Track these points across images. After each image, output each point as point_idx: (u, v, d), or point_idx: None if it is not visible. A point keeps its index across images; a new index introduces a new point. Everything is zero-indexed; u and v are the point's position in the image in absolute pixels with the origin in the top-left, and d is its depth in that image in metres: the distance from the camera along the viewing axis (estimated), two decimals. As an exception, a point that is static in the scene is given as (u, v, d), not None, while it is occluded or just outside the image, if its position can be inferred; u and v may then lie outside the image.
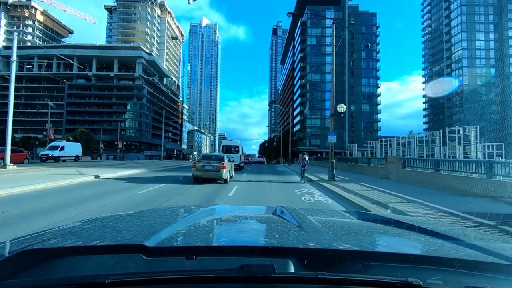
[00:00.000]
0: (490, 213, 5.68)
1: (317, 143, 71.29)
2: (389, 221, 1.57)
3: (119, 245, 0.94)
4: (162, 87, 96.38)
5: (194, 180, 12.23)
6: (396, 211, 6.15)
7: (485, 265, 0.81)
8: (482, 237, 1.36)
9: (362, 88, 73.15)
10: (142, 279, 0.72)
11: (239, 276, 0.72)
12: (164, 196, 8.50)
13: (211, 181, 12.11)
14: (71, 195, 8.30)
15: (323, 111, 72.77)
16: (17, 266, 0.76)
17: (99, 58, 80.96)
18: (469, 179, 9.06)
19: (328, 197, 9.23)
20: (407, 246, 1.11)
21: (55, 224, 4.14)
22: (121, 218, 1.46)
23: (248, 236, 1.16)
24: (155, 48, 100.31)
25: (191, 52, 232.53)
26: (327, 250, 0.89)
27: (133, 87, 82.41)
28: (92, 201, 7.38)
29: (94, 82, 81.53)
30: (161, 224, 1.33)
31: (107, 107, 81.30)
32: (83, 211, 6.14)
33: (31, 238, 1.04)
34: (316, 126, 71.62)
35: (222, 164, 12.01)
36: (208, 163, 12.07)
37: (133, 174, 16.31)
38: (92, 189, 9.62)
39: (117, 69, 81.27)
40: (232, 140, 28.41)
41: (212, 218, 1.45)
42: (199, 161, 12.48)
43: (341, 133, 71.33)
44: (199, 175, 12.00)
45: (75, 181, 11.45)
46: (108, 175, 14.17)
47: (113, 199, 7.71)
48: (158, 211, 1.76)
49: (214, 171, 11.89)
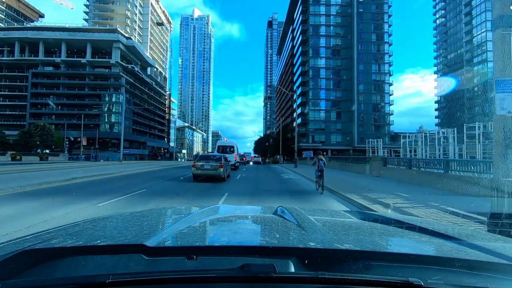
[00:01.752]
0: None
1: (321, 139, 61.69)
2: (389, 221, 1.58)
3: (120, 245, 0.94)
4: (145, 78, 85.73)
5: (194, 178, 13.41)
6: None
7: (486, 265, 0.81)
8: (483, 236, 1.38)
9: (372, 76, 63.67)
10: (143, 279, 0.72)
11: (239, 276, 0.72)
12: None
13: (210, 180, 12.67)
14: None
15: (328, 102, 63.10)
16: (18, 266, 0.76)
17: (69, 43, 70.14)
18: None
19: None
20: (408, 246, 1.11)
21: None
22: (122, 218, 1.48)
23: (248, 236, 1.18)
24: (137, 33, 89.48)
25: (182, 45, 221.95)
26: (328, 250, 0.89)
27: (109, 75, 71.78)
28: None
29: (63, 70, 70.70)
30: (161, 224, 1.38)
31: (78, 98, 70.54)
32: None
33: (32, 238, 1.04)
34: (320, 119, 61.97)
35: (220, 163, 13.10)
36: (207, 163, 13.17)
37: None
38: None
39: (91, 55, 70.54)
40: (227, 140, 30.12)
41: (213, 218, 1.45)
42: (198, 161, 13.48)
43: (349, 128, 61.82)
44: (199, 173, 13.16)
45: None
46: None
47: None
48: (158, 211, 1.77)
49: (212, 170, 12.97)
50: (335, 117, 62.65)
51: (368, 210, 6.54)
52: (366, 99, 63.12)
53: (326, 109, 62.79)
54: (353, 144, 60.63)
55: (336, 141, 61.90)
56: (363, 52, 63.39)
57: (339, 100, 62.74)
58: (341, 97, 62.76)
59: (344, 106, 62.38)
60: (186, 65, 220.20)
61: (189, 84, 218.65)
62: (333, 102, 62.91)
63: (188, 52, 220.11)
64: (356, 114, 61.56)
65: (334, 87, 62.96)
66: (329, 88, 63.07)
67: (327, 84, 62.96)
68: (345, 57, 62.77)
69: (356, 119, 61.59)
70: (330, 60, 62.78)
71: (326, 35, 62.98)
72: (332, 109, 62.77)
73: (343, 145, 60.90)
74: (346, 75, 62.64)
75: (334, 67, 62.96)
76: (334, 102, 62.85)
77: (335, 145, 60.63)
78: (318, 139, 61.86)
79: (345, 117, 62.23)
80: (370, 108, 63.38)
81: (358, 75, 62.36)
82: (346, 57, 62.83)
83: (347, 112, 62.13)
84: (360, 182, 13.78)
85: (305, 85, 64.13)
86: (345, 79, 62.55)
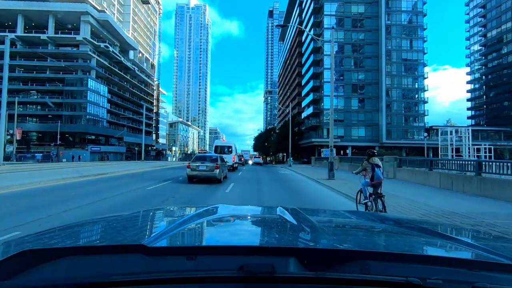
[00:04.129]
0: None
1: (340, 133, 48.63)
2: (389, 221, 1.58)
3: (119, 245, 0.94)
4: (126, 62, 72.59)
5: (189, 180, 12.77)
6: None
7: (485, 264, 0.81)
8: (483, 236, 1.37)
9: (403, 54, 50.51)
10: (143, 279, 0.72)
11: (239, 275, 0.72)
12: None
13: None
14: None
15: (348, 86, 49.87)
16: (17, 267, 0.75)
17: (27, 15, 57.07)
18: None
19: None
20: (407, 245, 1.11)
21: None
22: (121, 218, 1.47)
23: (248, 235, 1.18)
24: (116, 10, 76.10)
25: (177, 36, 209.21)
26: (327, 250, 0.89)
27: (76, 55, 58.70)
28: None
29: (20, 48, 57.53)
30: (161, 224, 1.38)
31: (37, 83, 57.38)
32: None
33: (31, 238, 1.04)
34: (338, 108, 48.76)
35: (216, 164, 12.51)
36: (202, 163, 12.59)
37: None
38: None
39: (53, 30, 57.43)
40: (225, 140, 30.56)
41: (213, 218, 1.44)
42: (193, 162, 12.91)
43: (374, 118, 48.74)
44: (194, 175, 12.53)
45: None
46: None
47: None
48: (158, 211, 1.76)
49: (208, 171, 12.38)
50: (357, 105, 49.56)
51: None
52: (395, 83, 50.00)
53: (345, 95, 49.57)
54: (380, 140, 47.65)
55: (358, 136, 48.91)
56: (392, 23, 50.15)
57: (362, 83, 49.65)
58: (365, 79, 49.67)
59: (368, 91, 49.32)
60: (181, 57, 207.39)
61: (185, 78, 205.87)
62: (354, 86, 49.82)
63: (184, 44, 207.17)
64: (384, 101, 48.40)
65: (356, 67, 49.78)
66: (349, 68, 49.85)
67: (347, 63, 49.74)
68: (370, 28, 49.55)
69: (385, 107, 48.43)
70: (350, 32, 49.50)
71: (346, 0, 49.67)
72: (353, 95, 49.68)
73: (367, 140, 47.96)
74: (371, 52, 49.45)
75: (356, 41, 49.78)
76: (356, 86, 49.77)
77: (356, 141, 47.67)
78: (335, 132, 48.67)
79: (370, 104, 49.18)
80: (400, 94, 50.24)
81: (386, 53, 49.11)
82: (371, 28, 49.62)
83: (373, 99, 49.10)
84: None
85: (318, 64, 50.94)
86: (370, 56, 49.35)
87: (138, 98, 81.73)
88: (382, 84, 48.20)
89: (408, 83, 50.44)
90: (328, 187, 12.02)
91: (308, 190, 11.38)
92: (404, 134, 49.29)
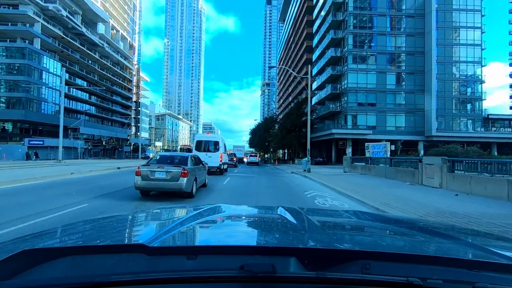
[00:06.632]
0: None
1: (370, 122, 35.14)
2: (389, 221, 1.58)
3: (120, 244, 0.94)
4: (91, 35, 58.16)
5: (141, 194, 8.11)
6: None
7: (485, 264, 0.81)
8: (482, 236, 1.38)
9: (453, 16, 36.88)
10: (143, 278, 0.72)
11: (239, 275, 0.72)
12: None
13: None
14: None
15: (381, 56, 36.16)
16: (17, 266, 0.75)
17: None
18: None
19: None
20: (407, 245, 1.11)
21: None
22: (121, 218, 1.48)
23: (248, 235, 1.19)
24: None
25: (168, 23, 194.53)
26: (328, 249, 0.89)
27: (15, 18, 44.26)
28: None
29: None
30: (161, 224, 1.37)
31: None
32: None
33: (32, 238, 1.04)
34: (366, 87, 35.05)
35: (183, 169, 7.65)
36: (161, 169, 7.67)
37: None
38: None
39: (-17, -15, 42.88)
40: (210, 134, 22.01)
41: (213, 218, 1.44)
42: (146, 166, 7.85)
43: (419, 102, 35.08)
44: (148, 187, 7.66)
45: None
46: None
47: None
48: (158, 211, 1.75)
49: (169, 181, 7.60)
50: (394, 83, 35.88)
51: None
52: (444, 55, 36.40)
53: (378, 69, 35.79)
54: (427, 132, 34.18)
55: (396, 127, 35.33)
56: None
57: (401, 52, 35.96)
58: (405, 48, 36.02)
59: (410, 64, 35.74)
60: (173, 46, 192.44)
61: (176, 68, 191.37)
62: (390, 57, 36.12)
63: (175, 32, 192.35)
64: (433, 79, 34.72)
65: (393, 30, 36.06)
66: (383, 31, 36.04)
67: (380, 23, 35.93)
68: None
69: (434, 87, 34.72)
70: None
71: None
72: (388, 68, 35.99)
73: (408, 133, 34.56)
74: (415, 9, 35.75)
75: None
76: (393, 56, 36.07)
77: (393, 134, 34.11)
78: (363, 121, 35.06)
79: (411, 82, 35.56)
80: (450, 70, 36.67)
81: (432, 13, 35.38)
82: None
83: (416, 75, 35.48)
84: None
85: (339, 27, 37.12)
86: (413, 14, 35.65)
87: (110, 83, 67.45)
88: (431, 53, 34.61)
89: (460, 56, 36.89)
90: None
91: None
92: (457, 125, 35.97)
